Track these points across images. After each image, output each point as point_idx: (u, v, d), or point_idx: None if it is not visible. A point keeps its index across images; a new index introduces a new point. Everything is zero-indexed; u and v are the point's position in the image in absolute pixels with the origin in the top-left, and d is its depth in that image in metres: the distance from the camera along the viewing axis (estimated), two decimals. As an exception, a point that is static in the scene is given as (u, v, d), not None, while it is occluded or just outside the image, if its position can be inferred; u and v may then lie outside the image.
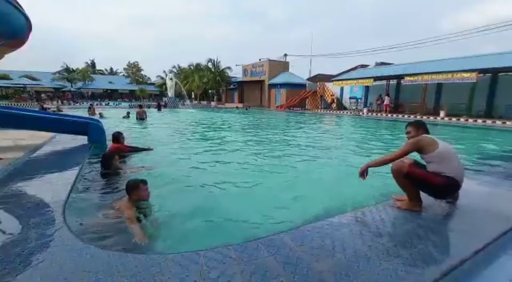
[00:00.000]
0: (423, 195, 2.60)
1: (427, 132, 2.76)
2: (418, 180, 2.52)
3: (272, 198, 3.55)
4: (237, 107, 29.74)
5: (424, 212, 2.57)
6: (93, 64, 57.57)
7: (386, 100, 20.61)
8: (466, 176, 2.67)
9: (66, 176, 3.60)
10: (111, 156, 4.11)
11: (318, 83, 29.01)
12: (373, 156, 6.32)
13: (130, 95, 47.98)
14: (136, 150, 5.75)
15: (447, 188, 2.50)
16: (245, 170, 4.82)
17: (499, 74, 16.71)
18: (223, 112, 24.05)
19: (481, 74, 15.98)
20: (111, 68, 61.08)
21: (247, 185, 3.99)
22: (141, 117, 14.02)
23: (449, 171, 2.44)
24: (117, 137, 5.39)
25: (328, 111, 24.67)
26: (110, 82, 50.91)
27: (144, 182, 2.82)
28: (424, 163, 2.65)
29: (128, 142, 6.05)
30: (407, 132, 2.81)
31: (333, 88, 26.80)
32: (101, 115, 15.14)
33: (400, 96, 22.35)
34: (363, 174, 2.68)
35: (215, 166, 5.15)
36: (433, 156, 2.49)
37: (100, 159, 4.16)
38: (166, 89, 33.56)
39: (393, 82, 22.17)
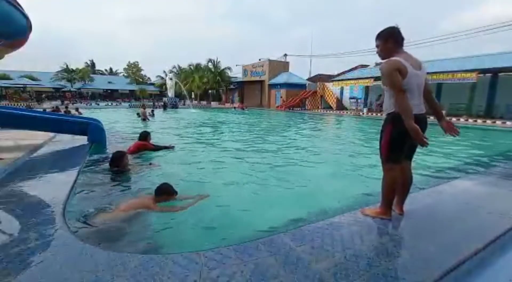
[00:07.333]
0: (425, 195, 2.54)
1: (397, 44, 2.13)
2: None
3: (273, 198, 3.55)
4: (236, 108, 29.88)
5: (424, 212, 2.58)
6: (93, 64, 57.57)
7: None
8: (466, 175, 2.65)
9: (66, 176, 3.60)
10: (122, 155, 4.23)
11: (318, 83, 28.99)
12: (374, 156, 6.32)
13: (130, 96, 47.94)
14: (159, 148, 6.05)
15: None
16: (245, 170, 4.81)
17: (499, 74, 16.70)
18: (223, 113, 24.03)
19: (481, 74, 15.97)
20: (111, 68, 61.13)
21: (247, 184, 3.99)
22: (143, 118, 13.76)
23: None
24: (145, 136, 5.97)
25: (328, 111, 24.68)
26: (110, 82, 50.86)
27: (177, 193, 3.16)
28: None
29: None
30: (376, 46, 2.25)
31: (333, 88, 26.80)
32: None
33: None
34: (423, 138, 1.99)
35: (216, 165, 5.14)
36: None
37: (100, 158, 4.18)
38: (166, 89, 33.56)
39: (393, 82, 22.12)
